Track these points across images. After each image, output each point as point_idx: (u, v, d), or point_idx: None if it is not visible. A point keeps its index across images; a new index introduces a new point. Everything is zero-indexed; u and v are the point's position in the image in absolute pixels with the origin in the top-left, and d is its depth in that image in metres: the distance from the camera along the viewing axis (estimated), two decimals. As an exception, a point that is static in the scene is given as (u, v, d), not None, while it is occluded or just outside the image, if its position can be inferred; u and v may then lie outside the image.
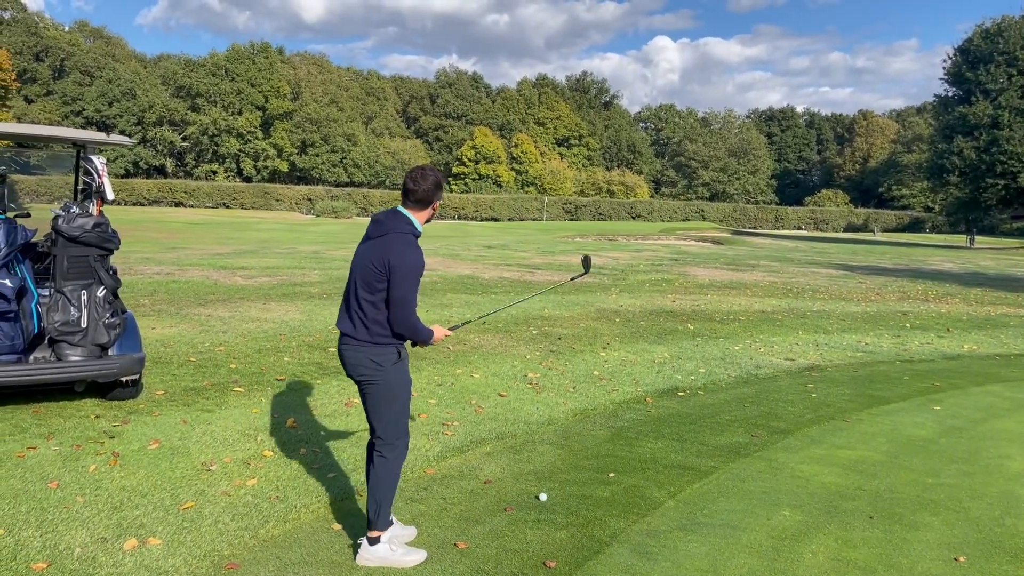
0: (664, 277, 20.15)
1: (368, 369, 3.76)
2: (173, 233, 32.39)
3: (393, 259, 3.63)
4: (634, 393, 7.67)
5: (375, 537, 3.83)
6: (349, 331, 3.78)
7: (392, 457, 3.84)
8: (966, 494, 5.04)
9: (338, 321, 3.87)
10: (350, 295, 3.80)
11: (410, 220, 3.78)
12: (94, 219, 5.90)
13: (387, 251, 3.66)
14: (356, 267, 3.79)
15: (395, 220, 3.77)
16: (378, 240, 3.73)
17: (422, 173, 3.80)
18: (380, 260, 3.65)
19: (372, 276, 3.67)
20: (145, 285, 13.62)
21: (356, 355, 3.77)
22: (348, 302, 3.82)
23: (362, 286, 3.71)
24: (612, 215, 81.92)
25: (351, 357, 3.79)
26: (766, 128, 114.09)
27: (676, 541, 4.17)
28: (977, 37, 57.87)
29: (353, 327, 3.76)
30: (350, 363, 3.81)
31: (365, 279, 3.70)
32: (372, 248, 3.73)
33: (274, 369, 7.71)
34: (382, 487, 3.83)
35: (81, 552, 3.80)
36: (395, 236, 3.71)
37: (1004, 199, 58.74)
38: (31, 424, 5.58)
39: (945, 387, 8.32)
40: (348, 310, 3.81)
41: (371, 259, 3.69)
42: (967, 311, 15.49)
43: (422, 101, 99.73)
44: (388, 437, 3.83)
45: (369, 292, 3.69)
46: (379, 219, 3.81)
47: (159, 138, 78.82)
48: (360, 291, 3.71)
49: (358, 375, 3.79)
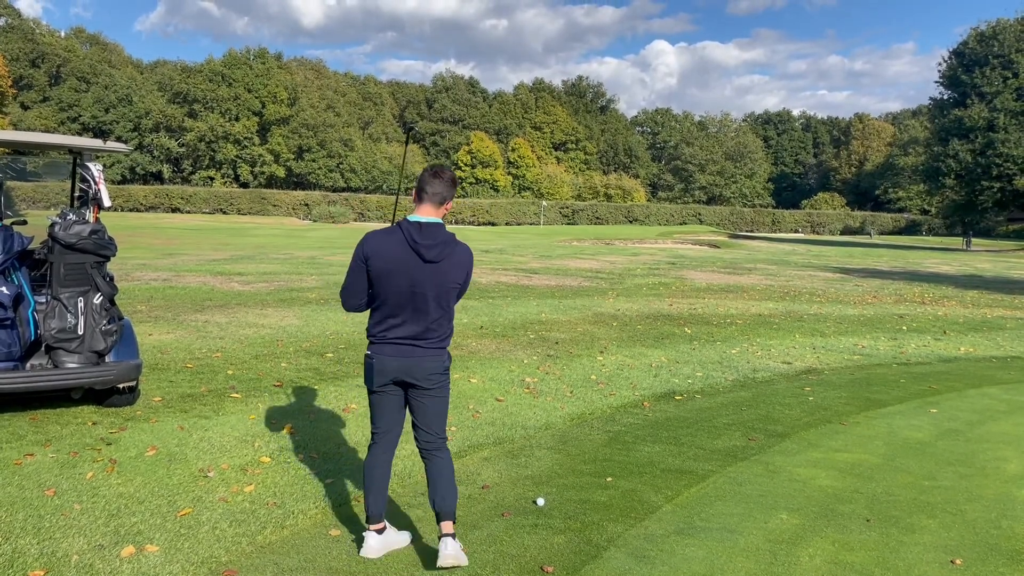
0: (661, 281, 20.17)
1: (439, 374, 3.84)
2: (170, 239, 32.36)
3: (469, 270, 3.87)
4: (631, 397, 7.67)
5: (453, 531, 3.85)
6: (423, 340, 3.79)
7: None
8: (963, 497, 5.04)
9: (398, 332, 3.78)
10: (419, 311, 3.74)
11: (444, 226, 3.78)
12: (91, 226, 5.90)
13: (462, 266, 3.80)
14: (426, 286, 3.71)
15: (441, 232, 3.72)
16: (448, 260, 3.73)
17: (438, 171, 3.79)
18: (459, 277, 3.80)
19: (451, 292, 3.80)
20: (142, 291, 13.61)
21: (432, 362, 3.81)
22: (413, 314, 3.75)
23: (438, 302, 3.76)
24: (609, 219, 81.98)
25: (427, 364, 3.80)
26: (762, 131, 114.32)
27: (673, 545, 4.17)
28: (972, 40, 58.08)
29: (427, 336, 3.79)
30: (423, 369, 3.80)
31: (443, 296, 3.77)
32: (447, 269, 3.73)
33: (271, 375, 7.71)
34: (453, 478, 3.92)
35: (78, 560, 3.80)
36: (460, 248, 3.79)
37: (1000, 201, 58.90)
38: (28, 431, 5.57)
39: (942, 390, 8.33)
40: (416, 320, 3.76)
41: (449, 278, 3.75)
42: (963, 313, 15.52)
43: (419, 106, 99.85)
44: (444, 434, 3.96)
45: (445, 306, 3.80)
46: (428, 243, 3.68)
47: (156, 144, 78.84)
48: (433, 305, 3.75)
49: (430, 382, 3.82)
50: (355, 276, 3.81)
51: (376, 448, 4.02)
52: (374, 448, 4.02)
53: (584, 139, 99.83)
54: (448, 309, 3.83)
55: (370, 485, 3.99)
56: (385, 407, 3.96)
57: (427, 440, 3.93)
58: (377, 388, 3.90)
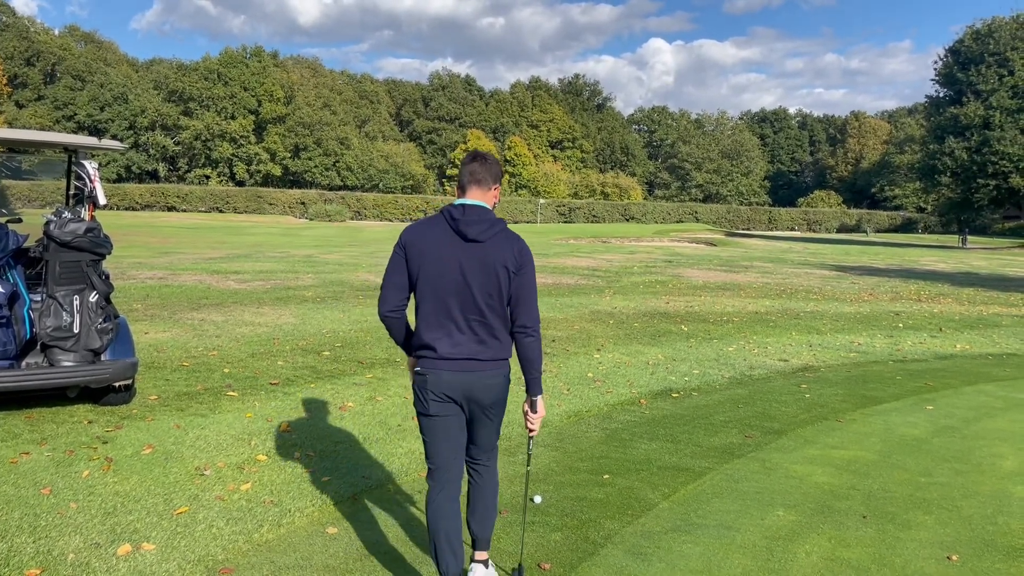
0: (658, 279, 20.19)
1: (502, 390, 3.33)
2: (166, 238, 32.30)
3: (523, 260, 3.26)
4: (628, 395, 7.68)
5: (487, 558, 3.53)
6: (478, 353, 3.24)
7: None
8: (959, 493, 5.06)
9: (450, 337, 3.24)
10: (467, 305, 3.22)
11: (491, 211, 3.32)
12: (86, 224, 5.88)
13: (512, 251, 3.24)
14: (469, 272, 3.20)
15: (487, 214, 3.27)
16: (494, 241, 3.23)
17: (477, 153, 3.39)
18: (508, 260, 3.22)
19: (501, 281, 3.22)
20: (138, 290, 13.58)
21: (494, 379, 3.28)
22: (462, 312, 3.23)
23: (486, 292, 3.22)
24: (606, 217, 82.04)
25: (488, 383, 3.27)
26: (759, 130, 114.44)
27: (670, 542, 4.18)
28: (968, 38, 58.21)
29: (483, 347, 3.25)
30: (486, 387, 3.27)
31: (492, 286, 3.22)
32: (492, 252, 3.21)
33: (268, 373, 7.70)
34: (495, 501, 3.53)
35: (74, 558, 3.79)
36: (511, 234, 3.30)
37: (995, 199, 59.08)
38: (24, 430, 5.56)
39: (938, 387, 8.35)
40: (467, 320, 3.24)
41: (495, 262, 3.20)
42: (959, 311, 15.56)
43: (415, 104, 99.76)
44: (495, 445, 3.54)
45: (497, 301, 3.24)
46: (470, 220, 3.23)
47: (151, 143, 78.69)
48: (481, 297, 3.21)
49: (492, 400, 3.31)
50: (393, 266, 3.31)
51: (439, 495, 3.34)
52: (436, 495, 3.34)
53: (580, 137, 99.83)
54: (501, 306, 3.25)
55: (441, 543, 3.30)
56: (442, 433, 3.34)
57: (476, 456, 3.47)
58: (433, 411, 3.31)
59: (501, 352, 3.30)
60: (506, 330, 3.30)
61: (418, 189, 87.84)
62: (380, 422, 6.28)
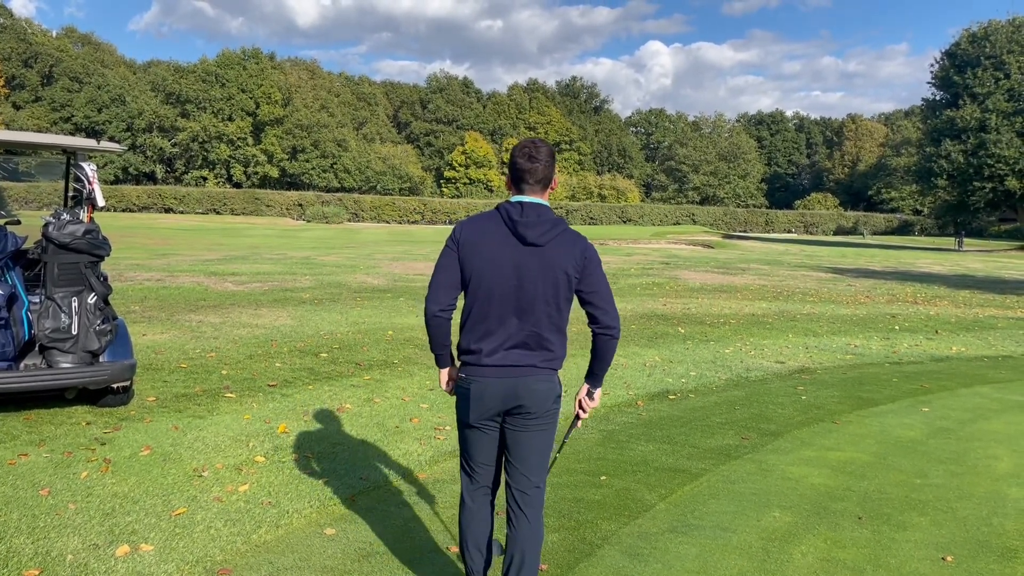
0: (655, 281, 20.21)
1: (553, 401, 3.14)
2: (163, 239, 32.28)
3: (588, 263, 3.09)
4: (625, 396, 7.70)
5: None
6: (527, 359, 3.08)
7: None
8: (954, 494, 5.08)
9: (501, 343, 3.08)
10: (523, 312, 3.06)
11: (550, 209, 3.14)
12: (84, 226, 5.90)
13: (574, 254, 3.07)
14: (528, 277, 3.04)
15: (546, 213, 3.09)
16: (555, 244, 3.06)
17: (532, 152, 3.11)
18: (569, 265, 3.06)
19: (562, 288, 3.06)
20: (136, 291, 13.58)
21: (545, 385, 3.10)
22: (516, 318, 3.07)
23: (546, 300, 3.05)
24: (603, 219, 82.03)
25: (535, 387, 3.08)
26: (756, 132, 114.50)
27: (667, 543, 4.20)
28: (964, 41, 58.29)
29: (532, 354, 3.09)
30: (535, 394, 3.09)
31: (552, 292, 3.05)
32: (553, 256, 3.05)
33: (265, 375, 7.71)
34: (537, 555, 3.25)
35: (73, 559, 3.80)
36: (573, 234, 3.14)
37: (992, 202, 59.15)
38: (22, 431, 5.57)
39: (934, 389, 8.38)
40: (521, 327, 3.07)
41: (556, 266, 3.04)
42: (955, 313, 15.60)
43: (413, 106, 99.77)
44: (543, 482, 3.27)
45: (556, 309, 3.08)
46: (529, 221, 3.05)
47: (149, 144, 78.55)
48: (540, 304, 3.05)
49: (540, 407, 3.12)
50: (444, 262, 3.12)
51: (474, 501, 3.31)
52: (472, 502, 3.31)
53: (578, 139, 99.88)
54: (558, 313, 3.08)
55: (470, 548, 3.28)
56: (484, 443, 3.24)
57: (521, 487, 3.21)
58: (476, 422, 3.18)
59: (552, 362, 3.12)
60: (560, 340, 3.14)
61: (416, 191, 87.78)
62: (378, 424, 6.29)
